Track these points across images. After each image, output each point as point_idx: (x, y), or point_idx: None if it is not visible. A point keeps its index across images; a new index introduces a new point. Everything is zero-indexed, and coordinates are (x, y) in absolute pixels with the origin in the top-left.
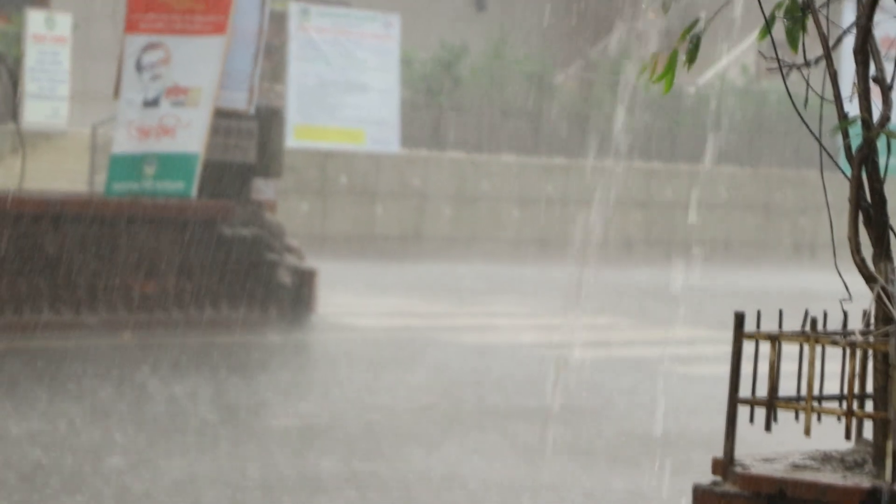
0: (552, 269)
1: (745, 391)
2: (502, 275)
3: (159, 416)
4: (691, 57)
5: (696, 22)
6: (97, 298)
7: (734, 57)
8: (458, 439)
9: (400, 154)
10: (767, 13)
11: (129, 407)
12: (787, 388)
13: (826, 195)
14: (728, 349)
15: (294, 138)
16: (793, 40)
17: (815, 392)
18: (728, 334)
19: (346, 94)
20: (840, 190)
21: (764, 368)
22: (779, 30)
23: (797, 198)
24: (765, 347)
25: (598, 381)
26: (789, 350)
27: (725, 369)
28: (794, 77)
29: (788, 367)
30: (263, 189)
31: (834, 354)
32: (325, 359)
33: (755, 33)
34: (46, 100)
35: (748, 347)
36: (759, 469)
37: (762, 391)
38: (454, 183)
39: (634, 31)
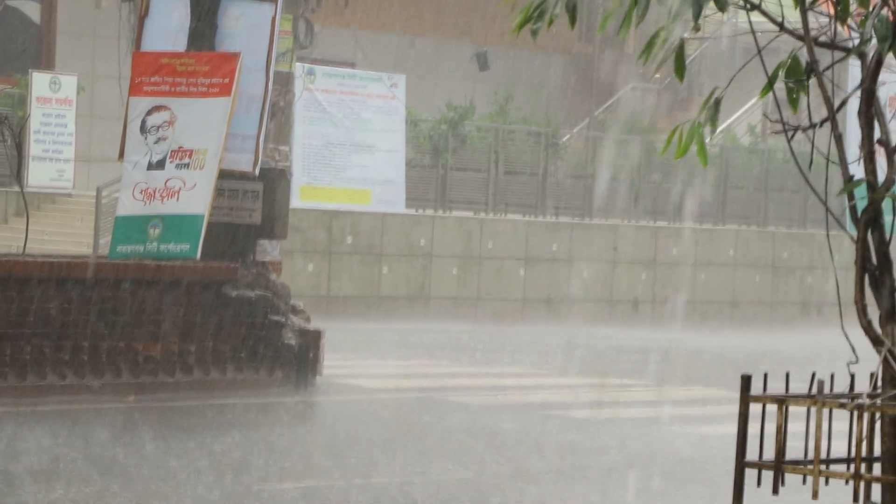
0: (558, 329)
1: (752, 452)
2: (509, 334)
3: (163, 477)
4: (713, 125)
5: (714, 90)
6: (101, 361)
7: (740, 115)
8: None
9: (406, 214)
10: (773, 71)
11: (133, 469)
12: (794, 447)
13: (832, 258)
14: (735, 408)
15: (300, 198)
16: (793, 101)
17: (823, 454)
18: (735, 394)
19: (351, 154)
20: (847, 249)
21: (771, 429)
22: (784, 88)
23: (804, 256)
24: (772, 408)
25: (606, 442)
26: (797, 408)
27: (733, 429)
28: (800, 136)
29: (796, 427)
30: (269, 250)
31: (842, 413)
32: (330, 421)
33: (763, 88)
34: (51, 162)
35: (755, 408)
36: None
37: (769, 452)
38: (460, 242)
39: (639, 90)
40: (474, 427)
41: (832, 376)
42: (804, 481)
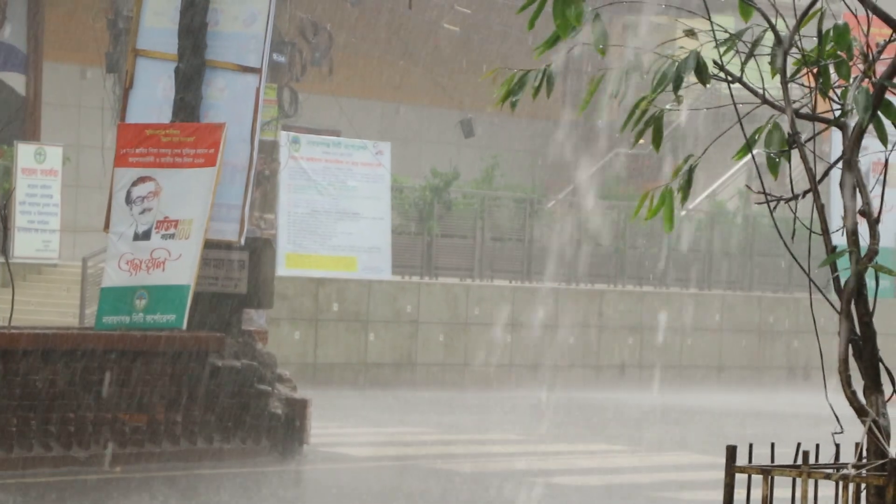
0: (546, 394)
1: None
2: (495, 400)
3: None
4: (684, 193)
5: (688, 157)
6: (88, 432)
7: (726, 179)
8: None
9: (392, 281)
10: (750, 136)
11: None
12: None
13: (816, 329)
14: (721, 475)
15: (286, 266)
16: (774, 168)
17: None
18: (721, 459)
19: (337, 221)
20: (833, 313)
21: (757, 495)
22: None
23: (790, 320)
24: (759, 476)
25: None
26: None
27: (719, 495)
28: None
29: (782, 493)
30: (255, 319)
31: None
32: (317, 490)
33: (739, 150)
34: (37, 233)
35: (741, 476)
36: None
37: None
38: (446, 309)
39: (623, 155)
40: (461, 495)
41: (817, 447)
42: None
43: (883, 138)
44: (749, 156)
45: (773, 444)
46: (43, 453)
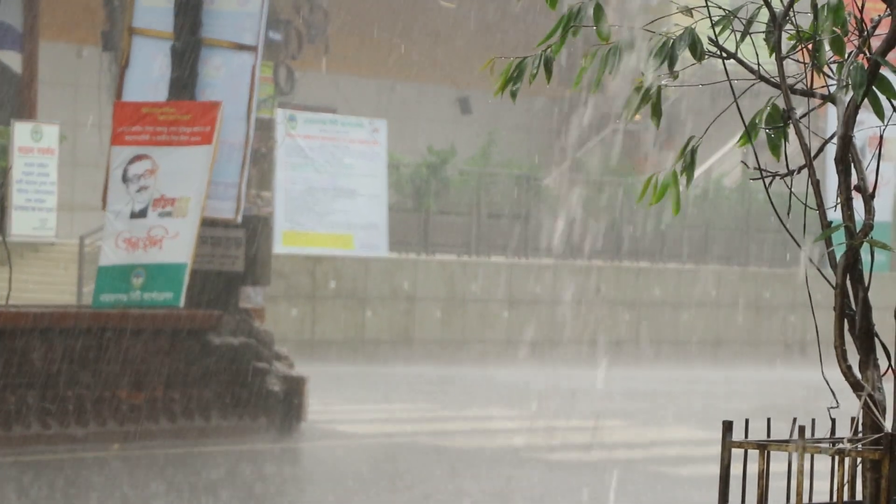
0: (542, 371)
1: (734, 497)
2: (493, 377)
3: None
4: (689, 175)
5: (690, 139)
6: (86, 411)
7: (722, 155)
8: None
9: (389, 258)
10: (751, 120)
11: None
12: (777, 487)
13: (812, 304)
14: (717, 450)
15: (282, 244)
16: (774, 148)
17: (805, 498)
18: (717, 434)
19: (334, 199)
20: (828, 288)
21: (753, 470)
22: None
23: (786, 295)
24: (755, 451)
25: (588, 485)
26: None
27: (715, 470)
28: (780, 180)
29: (778, 466)
30: (252, 297)
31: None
32: (315, 467)
33: (740, 136)
34: (34, 211)
35: (738, 451)
36: None
37: (752, 496)
38: (443, 286)
39: (621, 132)
40: (459, 471)
41: (813, 421)
42: None
43: (879, 113)
44: (743, 142)
45: (769, 419)
46: (41, 431)
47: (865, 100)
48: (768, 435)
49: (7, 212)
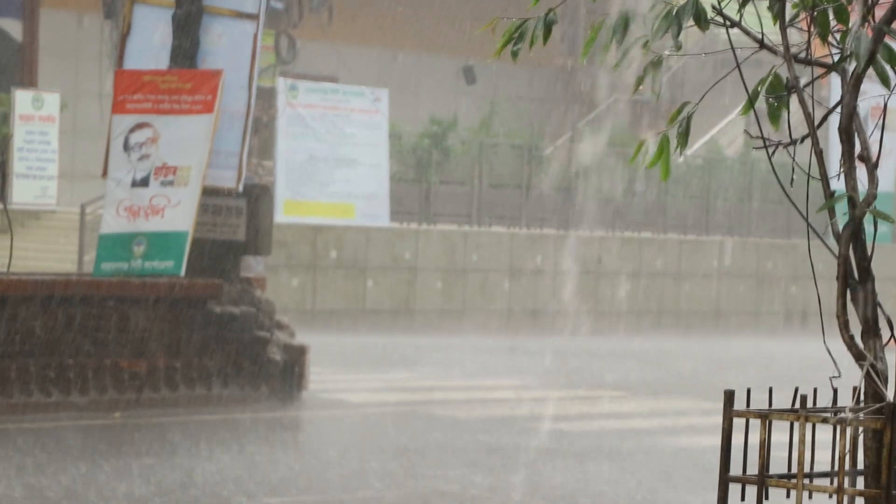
0: (544, 341)
1: (736, 466)
2: (494, 347)
3: (149, 496)
4: (683, 141)
5: (684, 105)
6: (87, 378)
7: (724, 126)
8: None
9: (390, 228)
10: (753, 88)
11: (119, 486)
12: (778, 457)
13: (814, 274)
14: (718, 420)
15: (284, 214)
16: (774, 118)
17: (807, 468)
18: (719, 404)
19: (335, 168)
20: (831, 259)
21: (755, 440)
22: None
23: (788, 266)
24: (756, 421)
25: (590, 454)
26: (780, 421)
27: (717, 440)
28: (784, 149)
29: (780, 437)
30: (253, 266)
31: (826, 424)
32: (316, 436)
33: (743, 105)
34: (35, 179)
35: (739, 421)
36: None
37: (753, 466)
38: (444, 256)
39: (623, 102)
40: (460, 440)
41: (815, 391)
42: (788, 495)
43: (885, 82)
44: (746, 111)
45: (770, 389)
46: (42, 399)
47: (868, 69)
48: (770, 405)
49: (8, 179)
